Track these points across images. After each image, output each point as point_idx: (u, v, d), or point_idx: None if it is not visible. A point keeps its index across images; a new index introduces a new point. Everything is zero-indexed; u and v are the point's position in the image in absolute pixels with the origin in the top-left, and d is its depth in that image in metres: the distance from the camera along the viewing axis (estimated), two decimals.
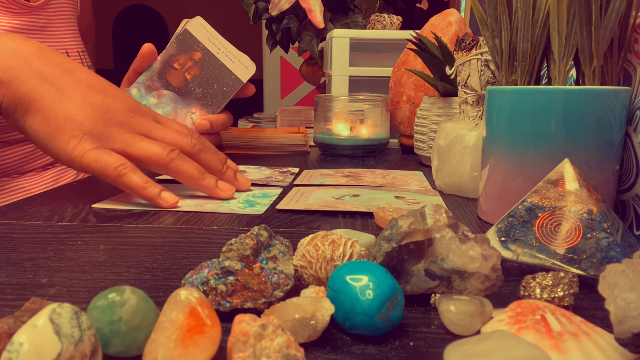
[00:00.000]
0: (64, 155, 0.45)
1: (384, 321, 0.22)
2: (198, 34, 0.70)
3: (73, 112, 0.45)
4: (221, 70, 0.70)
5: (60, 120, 0.45)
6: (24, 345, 0.17)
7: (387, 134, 0.83)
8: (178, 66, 0.69)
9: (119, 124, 0.46)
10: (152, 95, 0.68)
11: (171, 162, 0.46)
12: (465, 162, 0.50)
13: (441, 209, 0.26)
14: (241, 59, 0.71)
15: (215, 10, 3.91)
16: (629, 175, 0.41)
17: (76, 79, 0.47)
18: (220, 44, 0.70)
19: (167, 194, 0.45)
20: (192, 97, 0.70)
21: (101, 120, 0.45)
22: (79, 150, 0.44)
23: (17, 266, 0.31)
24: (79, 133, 0.44)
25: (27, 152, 0.71)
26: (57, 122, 0.45)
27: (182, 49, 0.69)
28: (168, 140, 0.48)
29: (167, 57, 0.69)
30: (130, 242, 0.36)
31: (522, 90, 0.38)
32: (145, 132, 0.48)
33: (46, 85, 0.45)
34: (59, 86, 0.46)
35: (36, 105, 0.45)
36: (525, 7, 0.39)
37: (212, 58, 0.70)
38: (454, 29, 0.77)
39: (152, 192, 0.45)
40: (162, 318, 0.20)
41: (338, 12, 1.05)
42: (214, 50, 0.70)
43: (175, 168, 0.47)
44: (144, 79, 0.68)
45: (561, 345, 0.21)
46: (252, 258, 0.26)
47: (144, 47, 0.67)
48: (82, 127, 0.45)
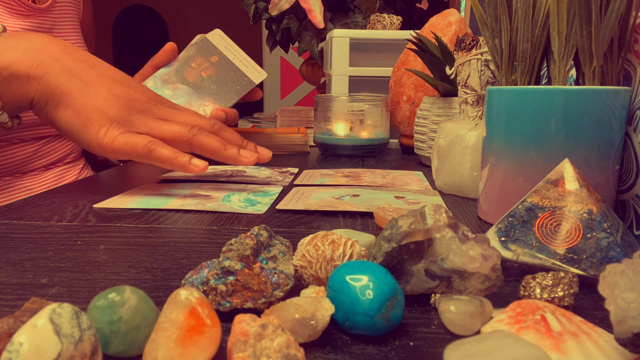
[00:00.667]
0: (95, 143, 0.48)
1: (384, 321, 0.22)
2: (217, 42, 0.75)
3: (100, 103, 0.48)
4: (235, 72, 0.75)
5: (89, 111, 0.48)
6: (24, 345, 0.17)
7: (387, 134, 0.83)
8: (195, 65, 0.74)
9: (141, 112, 0.50)
10: (167, 88, 0.72)
11: (194, 138, 0.50)
12: (465, 162, 0.50)
13: (441, 209, 0.26)
14: (254, 65, 0.76)
15: (216, 10, 3.91)
16: (629, 175, 0.41)
17: (101, 73, 0.50)
18: (236, 52, 0.76)
19: (197, 160, 0.48)
20: (206, 92, 0.74)
21: (126, 109, 0.49)
22: (109, 137, 0.48)
23: (17, 266, 0.31)
24: (107, 122, 0.48)
25: (30, 152, 0.71)
26: (87, 114, 0.48)
27: (200, 52, 0.74)
28: (188, 122, 0.51)
29: (185, 57, 0.73)
30: (130, 242, 0.36)
31: (522, 90, 0.38)
32: (166, 117, 0.51)
33: (75, 80, 0.49)
34: (86, 80, 0.49)
35: (67, 98, 0.48)
36: (525, 7, 0.39)
37: (228, 62, 0.75)
38: (454, 29, 0.77)
39: (183, 161, 0.47)
40: (162, 318, 0.20)
41: (338, 12, 1.05)
42: (230, 56, 0.75)
43: (199, 142, 0.50)
44: (162, 73, 0.72)
45: (561, 345, 0.21)
46: (252, 258, 0.26)
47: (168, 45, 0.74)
48: (109, 116, 0.48)
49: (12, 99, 0.49)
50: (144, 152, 0.47)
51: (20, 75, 0.48)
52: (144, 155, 0.47)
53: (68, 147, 0.78)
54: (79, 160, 0.82)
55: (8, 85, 0.48)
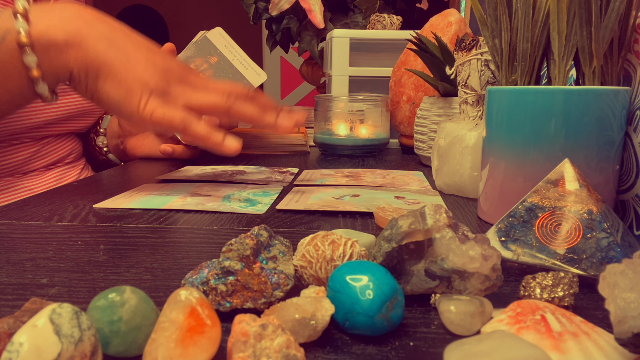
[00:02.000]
0: (136, 115, 0.48)
1: (384, 321, 0.22)
2: (217, 42, 0.74)
3: (140, 73, 0.48)
4: (235, 74, 0.74)
5: (130, 82, 0.47)
6: (24, 345, 0.17)
7: (387, 134, 0.83)
8: (194, 66, 0.73)
9: (179, 80, 0.49)
10: None
11: (232, 106, 0.49)
12: (465, 162, 0.50)
13: (441, 209, 0.26)
14: (254, 67, 0.75)
15: (216, 10, 3.91)
16: (629, 175, 0.41)
17: (136, 42, 0.50)
18: (236, 52, 0.75)
19: (231, 140, 0.48)
20: None
21: (164, 79, 0.48)
22: (149, 109, 0.47)
23: (17, 266, 0.31)
24: (147, 92, 0.47)
25: (31, 152, 0.71)
26: (128, 84, 0.47)
27: (199, 52, 0.73)
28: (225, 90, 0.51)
29: (184, 57, 0.73)
30: (130, 242, 0.36)
31: (522, 90, 0.38)
32: (202, 85, 0.51)
33: (113, 49, 0.48)
34: (124, 49, 0.48)
35: (107, 68, 0.47)
36: (525, 7, 0.39)
37: (227, 63, 0.74)
38: (454, 29, 0.77)
39: (217, 139, 0.47)
40: (162, 318, 0.20)
41: (338, 12, 1.05)
42: (229, 56, 0.74)
43: (237, 110, 0.49)
44: None
45: (561, 345, 0.21)
46: (252, 258, 0.26)
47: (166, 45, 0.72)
48: (149, 87, 0.47)
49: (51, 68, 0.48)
50: (180, 127, 0.47)
51: (58, 42, 0.46)
52: (180, 130, 0.47)
53: (68, 147, 0.78)
54: (79, 160, 0.82)
55: (47, 53, 0.47)
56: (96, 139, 0.83)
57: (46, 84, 0.48)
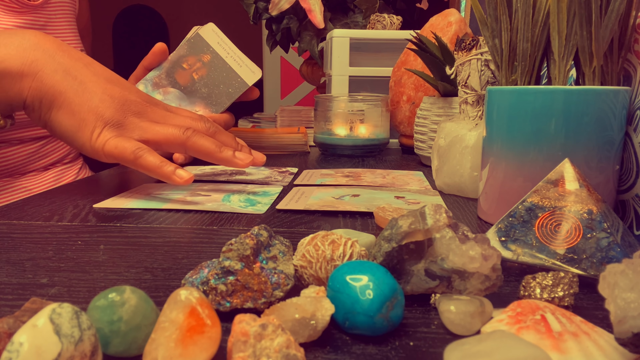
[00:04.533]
0: (88, 146, 0.47)
1: (384, 321, 0.22)
2: (209, 38, 0.72)
3: (95, 104, 0.47)
4: (228, 72, 0.72)
5: (84, 112, 0.47)
6: (24, 345, 0.17)
7: (387, 134, 0.83)
8: (187, 66, 0.71)
9: (136, 114, 0.49)
10: (158, 92, 0.70)
11: (188, 140, 0.49)
12: (465, 162, 0.50)
13: (441, 209, 0.26)
14: (248, 64, 0.73)
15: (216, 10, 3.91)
16: (629, 175, 0.41)
17: (95, 73, 0.49)
18: (229, 49, 0.73)
19: (182, 171, 0.47)
20: (197, 96, 0.72)
21: (120, 111, 0.48)
22: (101, 140, 0.47)
23: (17, 266, 0.31)
24: (101, 123, 0.47)
25: (30, 153, 0.71)
26: (82, 115, 0.47)
27: (192, 51, 0.72)
28: (182, 124, 0.50)
29: (177, 57, 0.71)
30: (130, 242, 0.36)
31: (522, 90, 0.38)
32: (160, 120, 0.50)
33: (69, 79, 0.47)
34: (81, 79, 0.48)
35: (61, 98, 0.47)
36: (525, 7, 0.39)
37: (220, 61, 0.72)
38: (454, 29, 0.77)
39: (167, 170, 0.46)
40: (162, 318, 0.20)
41: (338, 12, 1.05)
42: (222, 54, 0.72)
43: (193, 144, 0.49)
44: (152, 76, 0.70)
45: (561, 345, 0.21)
46: (252, 258, 0.26)
47: (157, 46, 0.70)
48: (104, 118, 0.47)
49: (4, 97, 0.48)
50: (131, 158, 0.46)
51: (12, 72, 0.47)
52: (130, 162, 0.46)
53: (67, 147, 0.78)
54: (76, 160, 0.82)
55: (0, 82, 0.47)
56: None
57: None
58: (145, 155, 0.46)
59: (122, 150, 0.46)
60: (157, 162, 0.46)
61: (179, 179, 0.46)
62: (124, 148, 0.46)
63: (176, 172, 0.46)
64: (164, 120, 0.50)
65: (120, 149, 0.46)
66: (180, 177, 0.46)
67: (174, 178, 0.46)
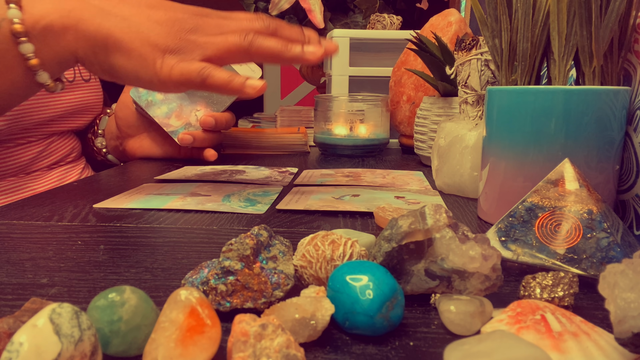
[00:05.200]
0: (156, 80, 0.46)
1: (384, 321, 0.22)
2: None
3: (145, 35, 0.45)
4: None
5: (138, 47, 0.45)
6: (24, 345, 0.17)
7: (387, 134, 0.83)
8: None
9: (190, 31, 0.46)
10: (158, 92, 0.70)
11: (252, 46, 0.46)
12: (465, 162, 0.50)
13: (441, 209, 0.26)
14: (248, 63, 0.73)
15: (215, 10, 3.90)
16: (629, 175, 0.41)
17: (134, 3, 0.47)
18: None
19: (253, 80, 0.46)
20: (198, 95, 0.72)
21: (173, 34, 0.46)
22: (166, 70, 0.45)
23: (17, 266, 0.31)
24: (160, 53, 0.45)
25: (36, 153, 0.71)
26: (137, 51, 0.45)
27: None
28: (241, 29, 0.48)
29: None
30: (130, 242, 0.36)
31: (522, 90, 0.38)
32: (216, 31, 0.48)
33: (111, 18, 0.46)
34: (122, 15, 0.46)
35: (111, 40, 0.45)
36: (525, 7, 0.39)
37: None
38: (454, 29, 0.77)
39: (239, 82, 0.45)
40: (162, 318, 0.20)
41: (338, 12, 1.05)
42: None
43: (258, 49, 0.46)
44: None
45: (561, 345, 0.21)
46: (252, 258, 0.26)
47: None
48: (159, 47, 0.45)
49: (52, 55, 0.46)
50: (198, 80, 0.45)
51: (55, 27, 0.45)
52: (199, 84, 0.45)
53: (69, 146, 0.78)
54: (79, 159, 0.82)
55: (44, 40, 0.45)
56: (94, 140, 0.83)
57: (47, 73, 0.47)
58: (212, 73, 0.45)
59: (187, 75, 0.45)
60: (226, 77, 0.45)
61: (251, 90, 0.45)
62: (189, 72, 0.45)
63: (247, 83, 0.45)
64: (220, 30, 0.48)
65: (185, 75, 0.45)
66: (253, 86, 0.45)
67: (247, 90, 0.45)
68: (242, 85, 0.45)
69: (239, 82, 0.45)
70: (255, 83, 0.45)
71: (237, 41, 0.46)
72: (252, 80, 0.45)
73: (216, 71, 0.45)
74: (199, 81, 0.45)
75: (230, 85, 0.45)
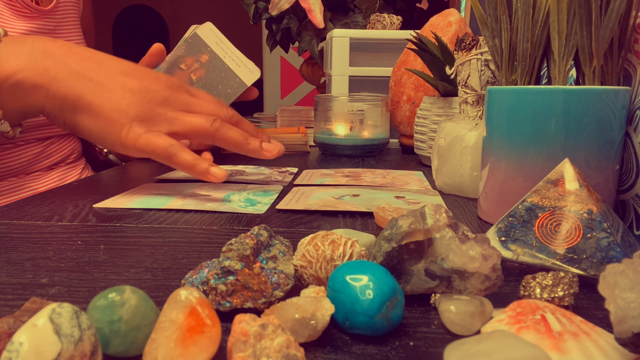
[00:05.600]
0: (119, 144, 0.47)
1: (384, 321, 0.22)
2: (207, 38, 0.72)
3: (117, 102, 0.47)
4: (226, 72, 0.72)
5: (107, 112, 0.47)
6: (24, 345, 0.17)
7: (387, 134, 0.83)
8: (185, 67, 0.71)
9: (160, 104, 0.48)
10: None
11: (217, 132, 0.49)
12: (465, 162, 0.50)
13: (441, 209, 0.26)
14: (247, 63, 0.73)
15: (216, 10, 3.91)
16: (629, 175, 0.41)
17: (109, 69, 0.49)
18: (227, 49, 0.72)
19: (215, 168, 0.47)
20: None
21: (144, 104, 0.47)
22: (132, 137, 0.47)
23: (17, 266, 0.31)
24: (127, 121, 0.47)
25: (36, 153, 0.71)
26: (105, 114, 0.47)
27: (190, 51, 0.71)
28: (207, 113, 0.50)
29: (174, 58, 0.70)
30: (130, 242, 0.36)
31: (522, 90, 0.38)
32: (185, 107, 0.50)
33: (85, 81, 0.47)
34: (96, 80, 0.47)
35: (81, 102, 0.47)
36: (525, 7, 0.39)
37: (219, 61, 0.71)
38: (454, 29, 0.77)
39: (202, 168, 0.47)
40: (162, 318, 0.20)
41: (338, 12, 1.05)
42: (221, 54, 0.72)
43: (222, 136, 0.49)
44: None
45: (561, 345, 0.21)
46: (252, 258, 0.26)
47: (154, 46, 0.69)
48: (128, 115, 0.47)
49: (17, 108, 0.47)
50: (164, 156, 0.47)
51: (26, 84, 0.46)
52: (164, 159, 0.47)
53: (69, 147, 0.78)
54: (79, 160, 0.82)
55: (13, 94, 0.46)
56: None
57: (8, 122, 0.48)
58: (179, 153, 0.46)
59: (154, 148, 0.46)
60: (191, 160, 0.47)
61: (213, 178, 0.47)
62: (156, 145, 0.46)
63: (210, 171, 0.47)
64: (189, 107, 0.50)
65: (152, 147, 0.46)
66: (215, 175, 0.47)
67: (209, 176, 0.47)
68: (205, 171, 0.47)
69: (202, 168, 0.47)
70: (217, 172, 0.47)
71: (205, 125, 0.48)
72: (214, 168, 0.47)
73: (183, 152, 0.47)
74: (165, 157, 0.47)
75: (194, 169, 0.47)
